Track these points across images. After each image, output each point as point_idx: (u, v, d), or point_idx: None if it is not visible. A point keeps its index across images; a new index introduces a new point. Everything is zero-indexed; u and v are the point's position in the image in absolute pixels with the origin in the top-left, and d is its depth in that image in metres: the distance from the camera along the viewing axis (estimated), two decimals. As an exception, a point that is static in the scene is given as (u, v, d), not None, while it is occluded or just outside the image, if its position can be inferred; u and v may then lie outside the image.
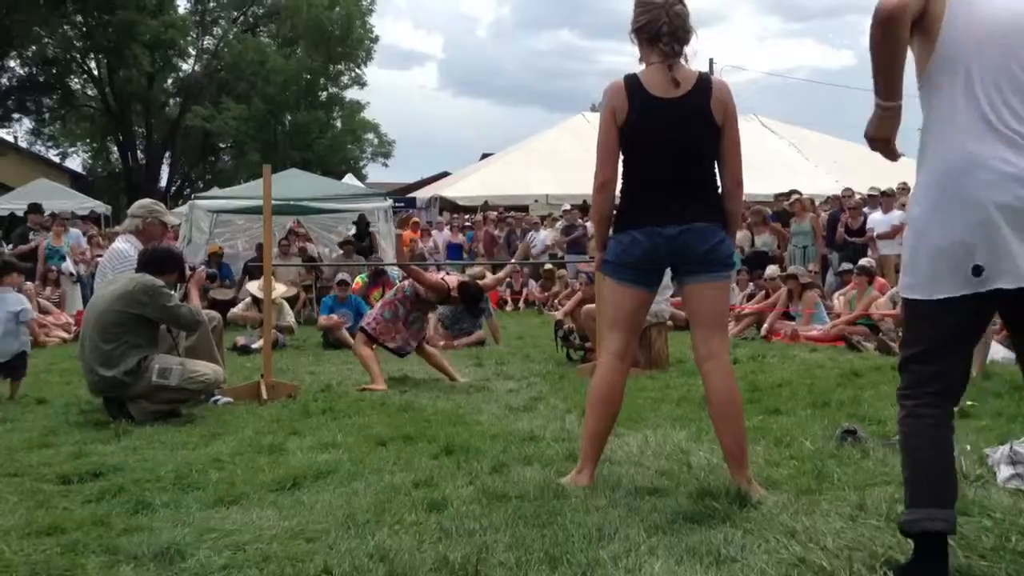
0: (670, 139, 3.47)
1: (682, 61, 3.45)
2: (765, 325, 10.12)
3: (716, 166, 3.56)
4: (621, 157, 3.53)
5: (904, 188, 11.97)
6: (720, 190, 3.59)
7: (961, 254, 2.34)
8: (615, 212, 3.63)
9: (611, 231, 3.66)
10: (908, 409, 2.49)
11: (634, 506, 3.27)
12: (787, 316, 10.25)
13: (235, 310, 10.57)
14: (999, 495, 3.29)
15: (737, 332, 10.35)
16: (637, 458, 4.06)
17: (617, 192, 3.61)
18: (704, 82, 3.49)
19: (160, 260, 5.72)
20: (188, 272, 6.32)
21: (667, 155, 3.47)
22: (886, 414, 4.83)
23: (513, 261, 12.39)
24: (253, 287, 10.51)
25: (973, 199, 2.32)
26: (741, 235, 13.20)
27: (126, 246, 6.15)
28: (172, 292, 5.64)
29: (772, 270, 11.09)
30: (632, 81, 3.47)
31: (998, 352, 6.78)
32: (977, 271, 2.31)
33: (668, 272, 3.67)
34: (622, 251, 3.57)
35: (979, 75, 2.35)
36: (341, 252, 13.73)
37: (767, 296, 10.77)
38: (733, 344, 9.42)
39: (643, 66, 3.51)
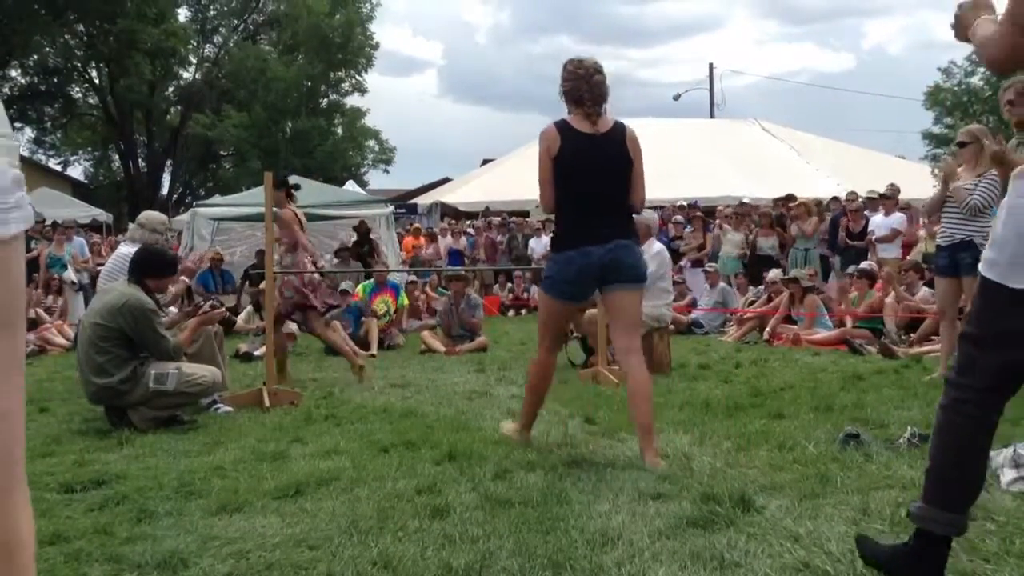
0: (596, 167, 4.20)
1: (604, 111, 4.28)
2: (767, 329, 10.12)
3: (628, 193, 4.34)
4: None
5: (895, 191, 11.95)
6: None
7: None
8: (555, 231, 4.35)
9: (552, 250, 4.37)
10: (948, 399, 2.36)
11: (637, 511, 3.27)
12: (789, 320, 10.25)
13: (239, 321, 10.58)
14: (1003, 498, 3.28)
15: (739, 336, 10.36)
16: (640, 463, 4.05)
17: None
18: (619, 125, 4.34)
19: (150, 262, 5.71)
20: (201, 305, 6.29)
21: (594, 181, 4.19)
22: (889, 418, 4.83)
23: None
24: (243, 317, 10.52)
25: None
26: (740, 239, 13.22)
27: (132, 250, 6.14)
28: (159, 315, 5.60)
29: (775, 274, 11.09)
30: (562, 124, 4.25)
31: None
32: None
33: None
34: (559, 270, 4.24)
35: None
36: (338, 260, 13.73)
37: (769, 300, 10.76)
38: (735, 348, 9.44)
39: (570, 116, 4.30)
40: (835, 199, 13.90)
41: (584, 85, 4.26)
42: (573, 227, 4.22)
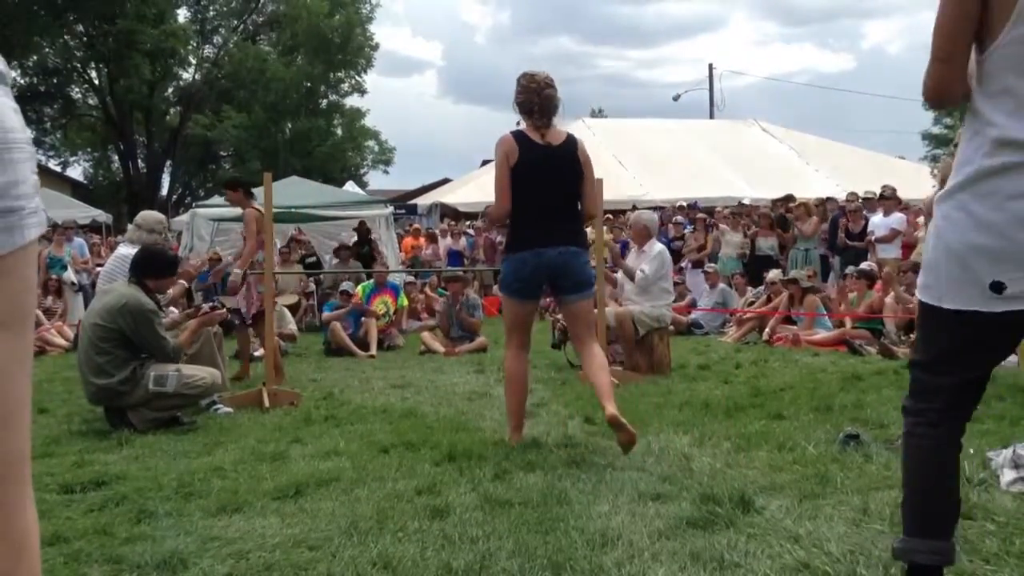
0: (551, 178, 4.48)
1: (555, 123, 4.57)
2: (767, 329, 10.12)
3: (579, 201, 4.62)
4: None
5: (892, 192, 11.92)
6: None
7: None
8: (509, 236, 4.66)
9: (506, 252, 4.67)
10: (909, 426, 2.36)
11: (637, 512, 3.27)
12: (789, 320, 10.25)
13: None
14: (1002, 499, 3.28)
15: (739, 337, 10.35)
16: (640, 463, 4.06)
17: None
18: (571, 138, 4.64)
19: (151, 262, 5.71)
20: (201, 306, 6.29)
21: (549, 190, 4.47)
22: (889, 418, 4.83)
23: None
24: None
25: None
26: (738, 239, 13.23)
27: (132, 251, 6.15)
28: (159, 315, 5.60)
29: (774, 274, 11.09)
30: (519, 134, 4.51)
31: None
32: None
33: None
34: (514, 270, 4.54)
35: None
36: (337, 260, 13.74)
37: (769, 300, 10.76)
38: (735, 349, 9.44)
39: (524, 126, 4.58)
40: (830, 199, 13.91)
41: (535, 98, 4.53)
42: (528, 231, 4.49)
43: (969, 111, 2.22)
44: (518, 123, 4.61)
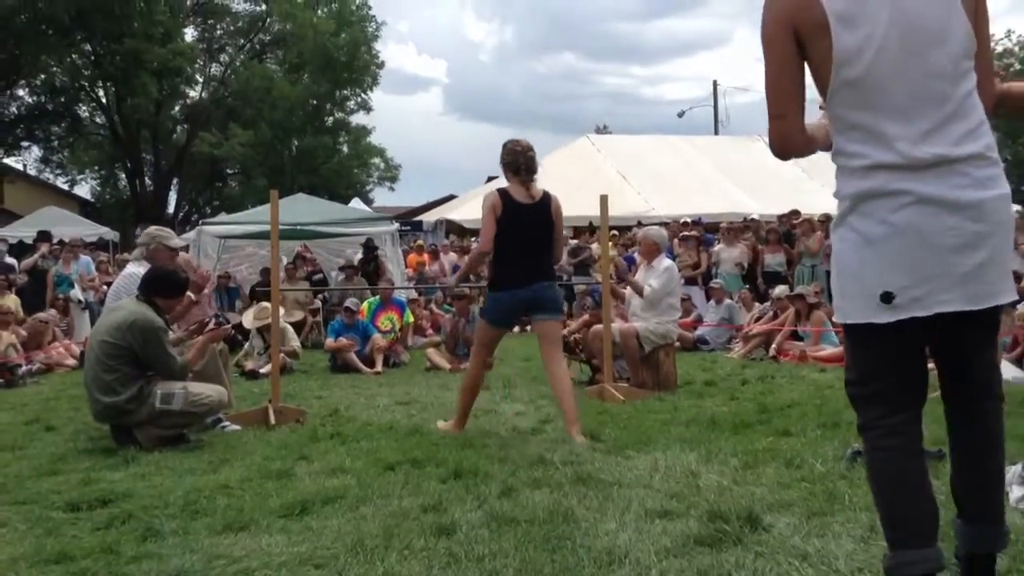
0: (527, 230, 5.38)
1: (534, 181, 5.48)
2: (773, 345, 10.10)
3: (551, 246, 5.54)
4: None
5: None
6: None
7: None
8: (492, 275, 5.53)
9: (489, 289, 5.56)
10: (868, 444, 2.40)
11: (644, 529, 3.26)
12: (795, 336, 10.23)
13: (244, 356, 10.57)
14: (1011, 516, 3.25)
15: (745, 353, 10.32)
16: (647, 480, 4.04)
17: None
18: (547, 196, 5.53)
19: (160, 282, 5.72)
20: (211, 321, 6.29)
21: (525, 240, 5.38)
22: (896, 434, 4.80)
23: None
24: (247, 319, 10.52)
25: None
26: (738, 252, 13.23)
27: (140, 270, 6.16)
28: (167, 333, 5.60)
29: (781, 290, 11.07)
30: (504, 193, 5.42)
31: (1008, 371, 6.75)
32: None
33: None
34: (495, 306, 5.51)
35: None
36: (344, 277, 13.77)
37: (775, 316, 10.74)
38: (742, 365, 9.42)
39: (508, 184, 5.50)
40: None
41: (521, 159, 5.47)
42: (506, 274, 5.41)
43: (833, 154, 2.36)
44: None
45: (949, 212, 2.19)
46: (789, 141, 2.38)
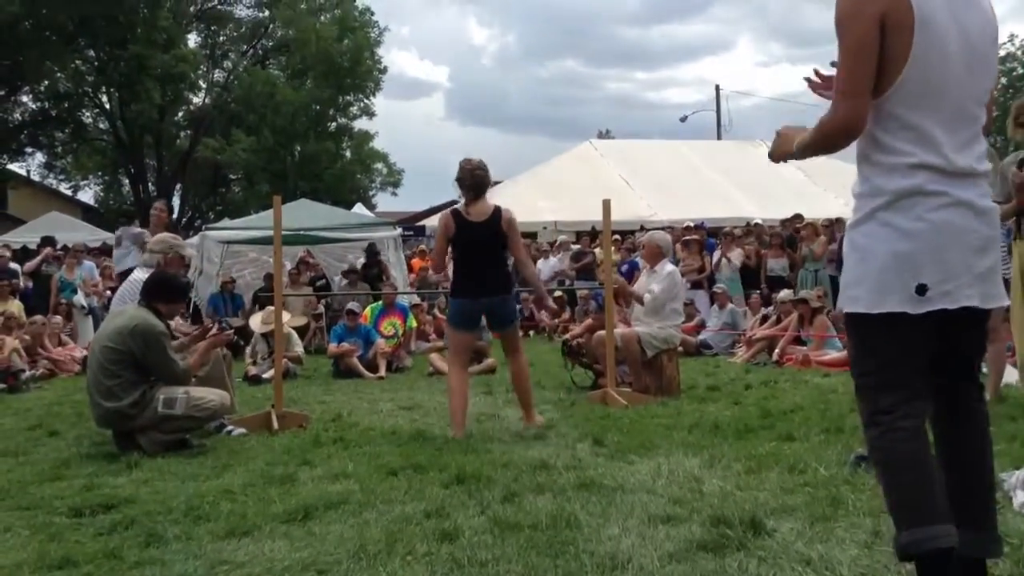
0: (478, 245, 5.86)
1: (486, 197, 5.97)
2: (776, 350, 10.08)
3: (504, 258, 6.10)
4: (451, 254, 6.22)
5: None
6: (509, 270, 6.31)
7: None
8: (452, 284, 6.16)
9: (451, 296, 6.14)
10: (877, 432, 2.48)
11: (647, 534, 3.25)
12: (799, 341, 10.22)
13: (247, 357, 10.59)
14: (1015, 520, 3.26)
15: (748, 357, 10.31)
16: (650, 486, 4.04)
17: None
18: (497, 212, 5.92)
19: (163, 287, 5.74)
20: (213, 327, 6.30)
21: (477, 255, 5.89)
22: (900, 439, 4.79)
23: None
24: (255, 323, 10.52)
25: None
26: (734, 255, 13.24)
27: (146, 276, 6.17)
28: (169, 338, 5.61)
29: (785, 294, 11.06)
30: (456, 212, 5.96)
31: (1012, 376, 6.73)
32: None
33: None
34: (458, 310, 6.01)
35: None
36: (347, 282, 13.79)
37: (779, 321, 10.73)
38: (745, 370, 9.41)
39: (462, 201, 6.03)
40: (839, 220, 13.86)
41: (468, 177, 5.88)
42: (464, 283, 5.94)
43: (873, 150, 2.44)
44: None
45: (975, 216, 2.40)
46: (860, 121, 2.39)
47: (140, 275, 6.30)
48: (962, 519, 2.41)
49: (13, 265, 13.51)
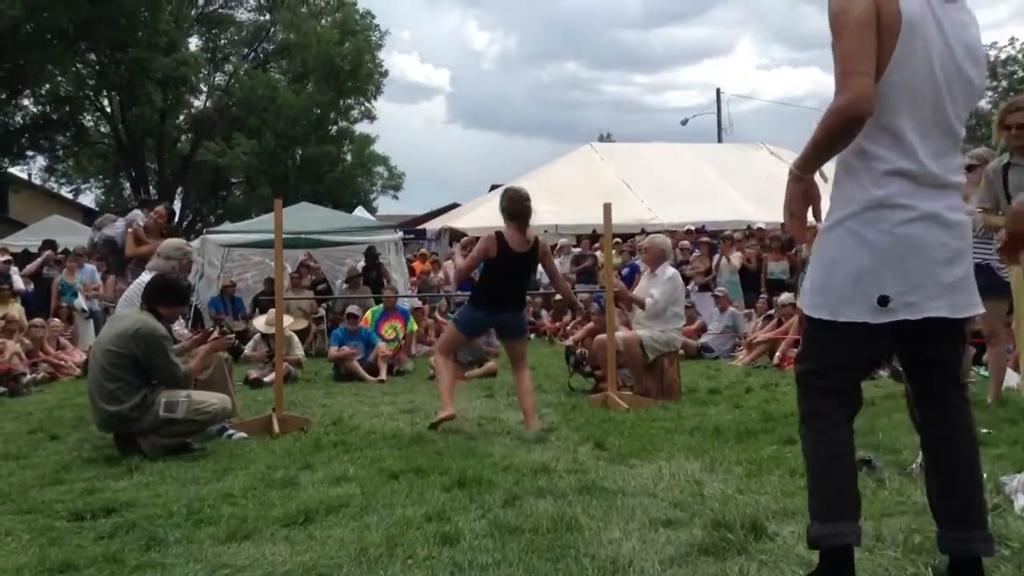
0: (514, 273, 6.19)
1: (528, 227, 6.17)
2: (778, 353, 10.08)
3: (529, 280, 6.66)
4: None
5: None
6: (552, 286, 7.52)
7: None
8: (475, 293, 6.43)
9: (469, 302, 6.42)
10: (808, 426, 2.63)
11: (648, 538, 3.25)
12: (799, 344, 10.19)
13: (246, 350, 10.60)
14: (1016, 524, 3.25)
15: (749, 361, 10.31)
16: (651, 489, 4.04)
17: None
18: (536, 242, 6.23)
19: (165, 290, 5.75)
20: (215, 330, 6.32)
21: (510, 279, 6.19)
22: (901, 443, 4.80)
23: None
24: (260, 323, 10.54)
25: None
26: (734, 257, 13.27)
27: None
28: (171, 341, 5.63)
29: (785, 297, 11.06)
30: (500, 238, 6.13)
31: (1013, 379, 6.73)
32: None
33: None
34: (469, 320, 6.34)
35: None
36: (348, 285, 13.79)
37: (779, 324, 10.72)
38: (746, 373, 9.40)
39: (504, 226, 6.21)
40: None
41: (518, 208, 6.17)
42: (486, 297, 6.22)
43: (853, 155, 2.47)
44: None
45: (941, 228, 2.44)
46: (868, 100, 2.34)
47: (146, 278, 6.32)
48: (951, 519, 2.54)
49: (13, 273, 13.50)
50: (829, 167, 2.56)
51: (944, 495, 2.57)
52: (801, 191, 2.58)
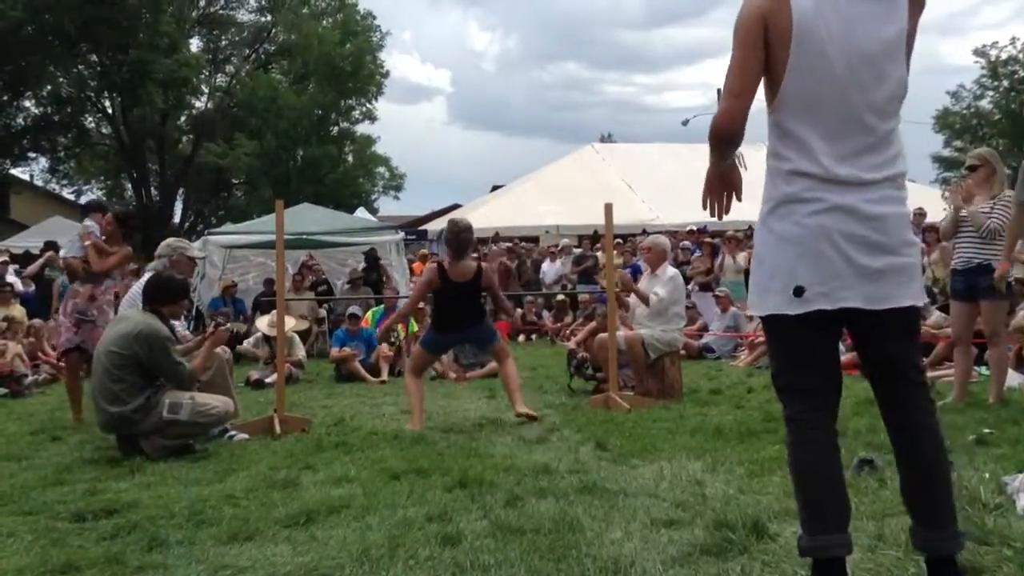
0: (459, 299, 6.50)
1: (469, 257, 6.60)
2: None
3: (480, 299, 6.71)
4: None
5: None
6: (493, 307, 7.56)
7: None
8: (433, 318, 6.93)
9: (431, 326, 6.90)
10: (793, 436, 2.59)
11: (650, 538, 3.25)
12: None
13: (244, 345, 10.61)
14: (1019, 524, 3.24)
15: (751, 361, 10.30)
16: (652, 489, 4.03)
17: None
18: (477, 274, 6.52)
19: (163, 288, 5.76)
20: (211, 325, 6.32)
21: (456, 306, 6.52)
22: (903, 442, 4.78)
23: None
24: (262, 324, 10.54)
25: None
26: (741, 257, 13.23)
27: None
28: (174, 342, 5.63)
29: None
30: (441, 270, 6.51)
31: (1015, 379, 6.72)
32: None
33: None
34: (433, 340, 6.79)
35: None
36: (349, 286, 13.80)
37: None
38: (747, 373, 9.40)
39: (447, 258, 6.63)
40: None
41: (454, 240, 6.51)
42: (443, 322, 6.61)
43: (767, 155, 2.62)
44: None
45: (856, 220, 2.47)
46: (739, 120, 2.53)
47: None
48: (921, 518, 2.57)
49: (11, 278, 13.49)
50: (748, 156, 2.75)
51: (911, 494, 2.60)
52: (718, 173, 2.71)
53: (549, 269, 16.36)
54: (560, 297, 15.19)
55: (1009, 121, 37.26)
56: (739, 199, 2.74)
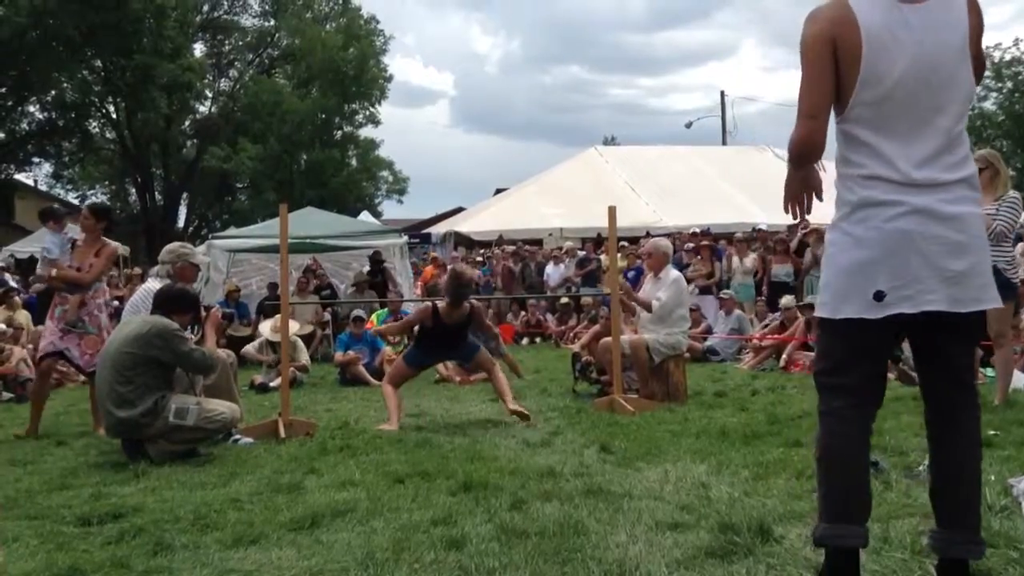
0: (446, 336, 6.94)
1: (459, 307, 6.86)
2: (783, 356, 10.06)
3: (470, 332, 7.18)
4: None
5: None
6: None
7: None
8: (417, 337, 7.18)
9: (414, 343, 7.28)
10: (826, 427, 2.69)
11: (655, 541, 3.24)
12: (806, 347, 10.19)
13: (248, 348, 10.62)
14: (1025, 526, 3.23)
15: (755, 363, 10.29)
16: (657, 492, 4.03)
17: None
18: (468, 316, 6.94)
19: (175, 300, 5.75)
20: (204, 312, 6.33)
21: (445, 338, 6.95)
22: (908, 445, 4.79)
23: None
24: (265, 329, 10.55)
25: None
26: (748, 260, 13.25)
27: (159, 286, 6.17)
28: (187, 335, 5.65)
29: (788, 300, 11.04)
30: (436, 311, 6.87)
31: (1020, 380, 6.71)
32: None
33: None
34: (416, 356, 7.09)
35: None
36: (353, 290, 13.81)
37: (782, 326, 10.70)
38: (752, 376, 9.39)
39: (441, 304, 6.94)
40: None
41: (451, 290, 6.83)
42: (428, 344, 7.02)
43: (838, 162, 2.64)
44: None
45: (936, 222, 2.48)
46: (816, 140, 2.56)
47: (152, 284, 6.33)
48: (946, 519, 2.59)
49: (12, 284, 13.52)
50: (828, 157, 2.67)
51: (938, 493, 2.64)
52: (799, 177, 2.71)
53: (553, 272, 16.36)
54: (564, 300, 15.18)
55: (1013, 122, 37.27)
56: (820, 199, 2.75)
